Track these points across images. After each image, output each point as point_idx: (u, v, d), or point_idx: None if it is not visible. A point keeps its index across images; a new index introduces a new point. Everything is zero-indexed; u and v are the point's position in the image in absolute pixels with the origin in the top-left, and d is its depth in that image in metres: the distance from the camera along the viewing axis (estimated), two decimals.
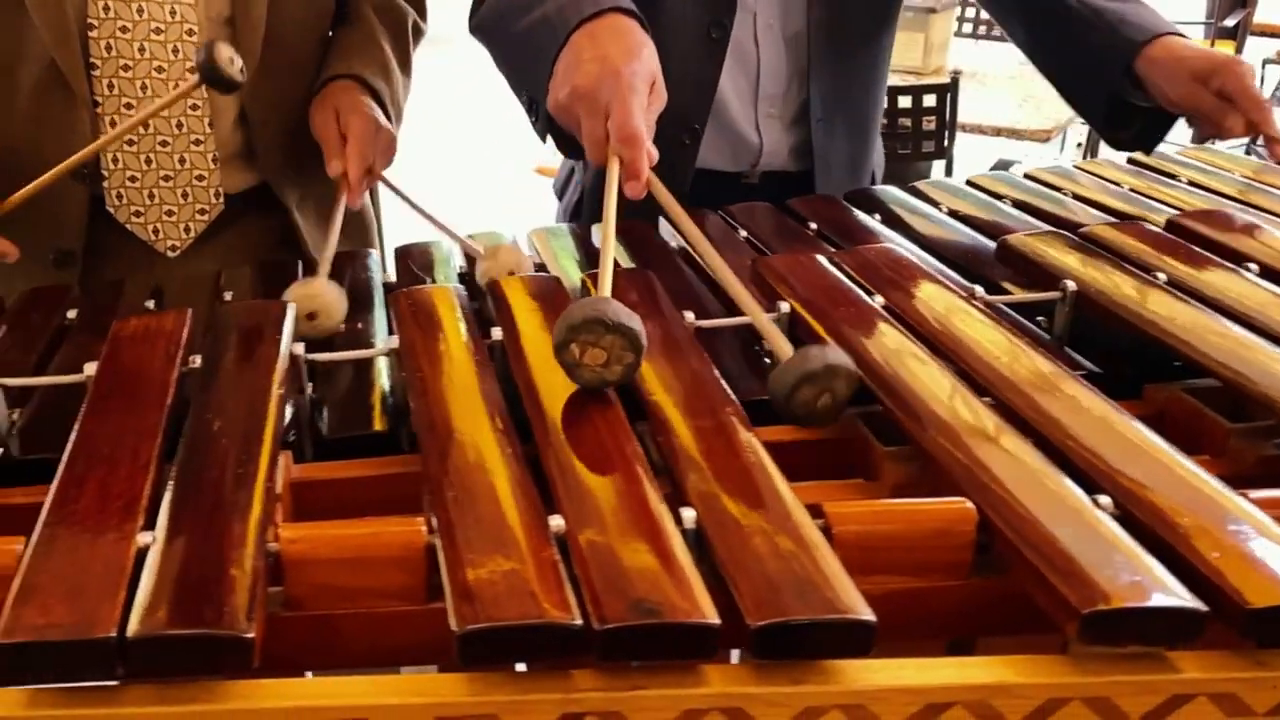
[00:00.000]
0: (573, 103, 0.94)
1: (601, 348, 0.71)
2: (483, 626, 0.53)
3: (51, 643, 0.52)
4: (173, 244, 1.27)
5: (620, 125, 0.89)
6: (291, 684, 0.55)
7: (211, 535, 0.59)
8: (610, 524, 0.61)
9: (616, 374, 0.72)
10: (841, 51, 1.38)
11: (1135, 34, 1.21)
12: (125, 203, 1.24)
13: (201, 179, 1.26)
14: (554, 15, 1.05)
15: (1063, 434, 0.70)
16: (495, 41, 1.23)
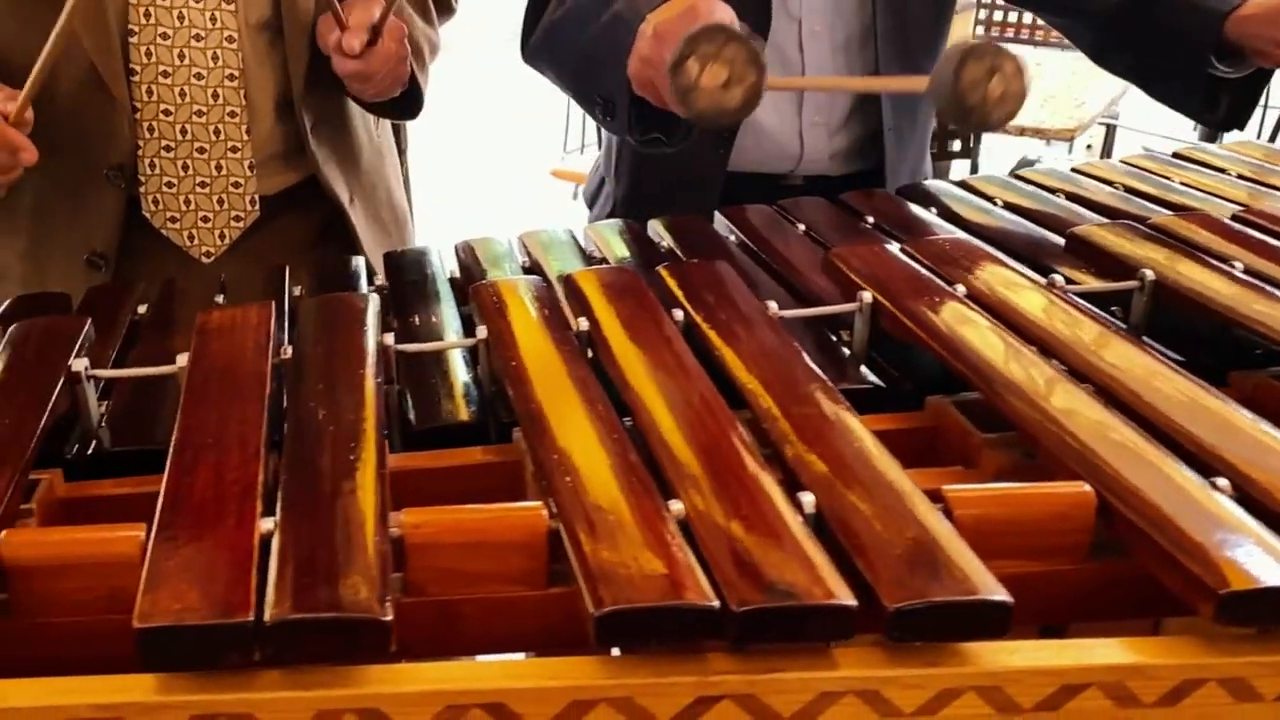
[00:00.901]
0: (655, 47, 0.92)
1: (723, 61, 0.66)
2: (620, 609, 0.53)
3: (190, 627, 0.52)
4: (207, 250, 1.27)
5: None
6: (427, 668, 0.55)
7: (335, 521, 0.59)
8: (730, 509, 0.61)
9: (736, 99, 0.67)
10: (907, 58, 1.38)
11: (1218, 3, 1.20)
12: (161, 208, 1.24)
13: (238, 185, 1.26)
14: (624, 11, 1.05)
15: (1167, 419, 0.70)
16: (558, 59, 1.23)
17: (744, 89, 0.66)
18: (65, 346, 0.78)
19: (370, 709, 0.54)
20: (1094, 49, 1.39)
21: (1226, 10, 1.17)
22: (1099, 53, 1.39)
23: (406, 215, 1.52)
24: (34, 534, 0.58)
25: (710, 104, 0.66)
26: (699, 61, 0.65)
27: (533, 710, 0.54)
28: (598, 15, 1.10)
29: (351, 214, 1.36)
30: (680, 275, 0.92)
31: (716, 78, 0.66)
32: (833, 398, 0.72)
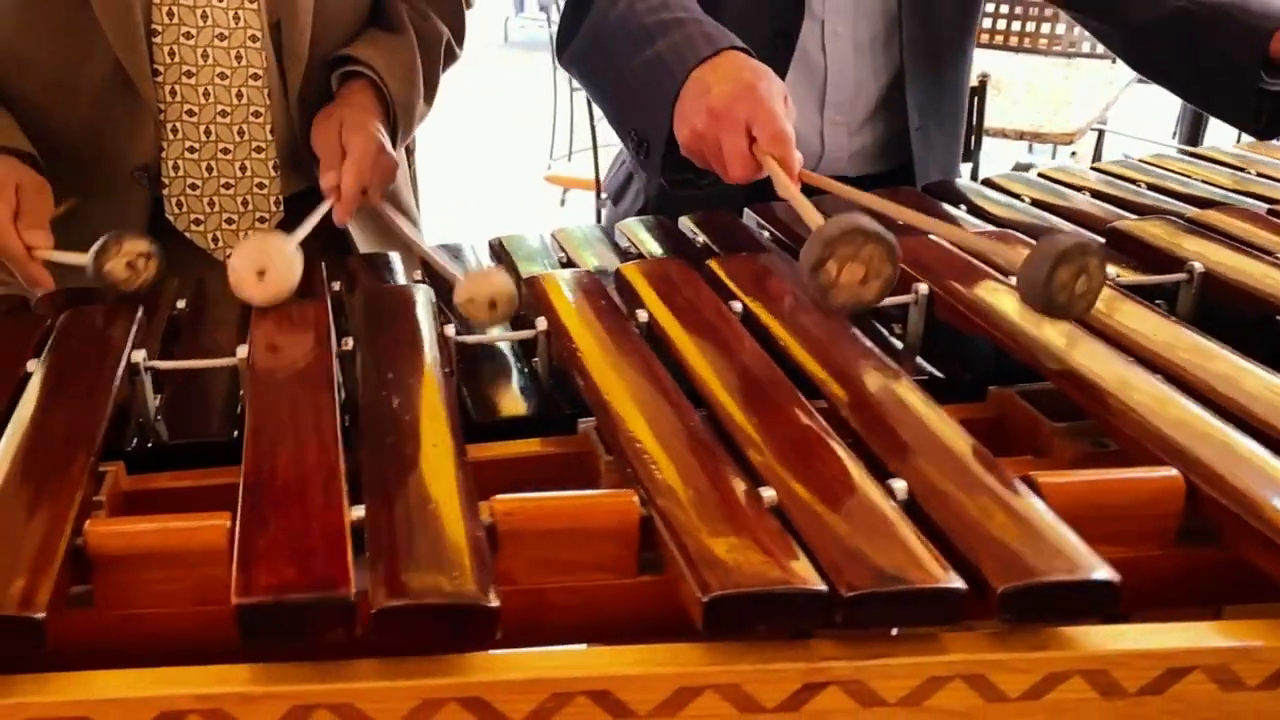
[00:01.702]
0: (710, 125, 0.96)
1: (860, 261, 0.68)
2: (729, 593, 0.52)
3: (291, 602, 0.51)
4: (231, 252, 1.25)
5: (766, 127, 0.92)
6: (531, 655, 0.54)
7: (425, 509, 0.58)
8: (822, 495, 0.60)
9: (873, 291, 0.70)
10: (933, 59, 1.38)
11: (1264, 21, 1.21)
12: (185, 210, 1.22)
13: (262, 187, 1.24)
14: (668, 55, 1.05)
15: (1238, 404, 0.70)
16: (596, 77, 1.23)
17: (881, 282, 0.69)
18: (122, 337, 0.77)
19: (474, 698, 0.53)
20: (1134, 58, 1.40)
21: (1273, 27, 1.19)
22: (1139, 62, 1.40)
23: (415, 217, 1.50)
24: (119, 524, 0.57)
25: (849, 298, 0.69)
26: (837, 264, 0.68)
27: (638, 697, 0.53)
28: (639, 47, 1.10)
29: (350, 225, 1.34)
30: (731, 268, 0.92)
31: (855, 275, 0.69)
32: (905, 385, 0.72)
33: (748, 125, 0.93)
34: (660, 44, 1.08)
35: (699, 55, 1.03)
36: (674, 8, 1.16)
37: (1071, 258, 0.69)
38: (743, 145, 0.94)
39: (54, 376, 0.71)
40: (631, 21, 1.15)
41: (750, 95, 0.94)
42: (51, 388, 0.70)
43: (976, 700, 0.55)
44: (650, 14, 1.15)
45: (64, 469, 0.61)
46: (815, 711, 0.54)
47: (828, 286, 0.70)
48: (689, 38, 1.07)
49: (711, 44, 1.05)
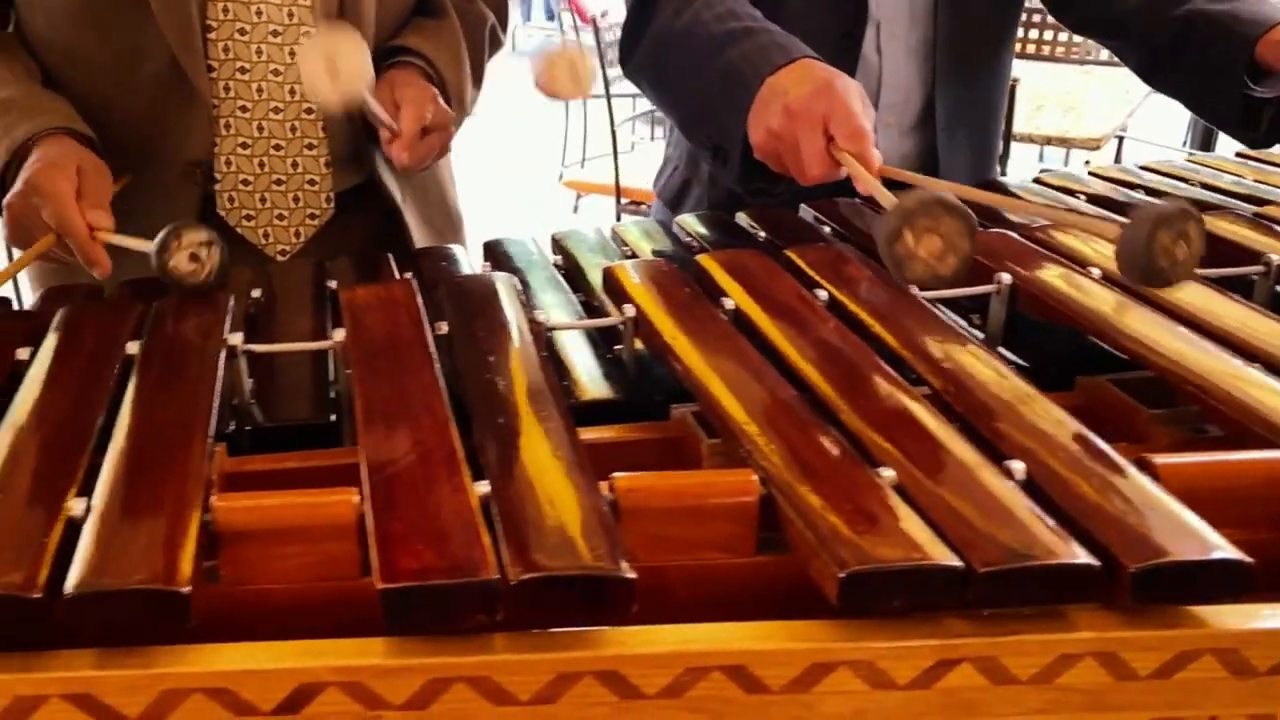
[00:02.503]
0: (786, 124, 0.96)
1: (939, 234, 0.68)
2: (866, 569, 0.52)
3: (435, 587, 0.51)
4: (282, 248, 1.25)
5: (845, 125, 0.92)
6: (667, 630, 0.54)
7: (548, 484, 0.58)
8: (942, 476, 0.60)
9: (950, 266, 0.70)
10: (966, 63, 1.39)
11: (1250, 28, 1.22)
12: (237, 206, 1.22)
13: (313, 183, 1.24)
14: (741, 63, 1.06)
15: None
16: (664, 86, 1.23)
17: (958, 258, 0.68)
18: (218, 321, 0.77)
19: (610, 671, 0.53)
20: (1143, 70, 1.41)
21: (1258, 34, 1.19)
22: (1148, 73, 1.41)
23: (460, 216, 1.50)
24: (247, 499, 0.57)
25: (925, 272, 0.69)
26: (915, 235, 0.68)
27: (773, 673, 0.53)
28: (710, 57, 1.10)
29: (406, 212, 1.34)
30: (810, 257, 0.92)
31: (932, 248, 0.68)
32: (1004, 370, 0.72)
33: (825, 123, 0.94)
34: (732, 53, 1.09)
35: (773, 63, 1.04)
36: (742, 16, 1.16)
37: (1173, 222, 0.69)
38: (820, 144, 0.94)
39: (158, 359, 0.71)
40: (699, 31, 1.16)
41: (827, 93, 0.95)
42: (157, 370, 0.70)
43: (1106, 678, 0.55)
44: (718, 23, 1.15)
45: (185, 448, 0.61)
46: (946, 689, 0.54)
47: (905, 258, 0.70)
48: (761, 47, 1.08)
49: (785, 53, 1.05)
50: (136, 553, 0.52)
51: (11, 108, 1.08)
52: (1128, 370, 0.80)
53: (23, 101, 1.09)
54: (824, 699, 0.54)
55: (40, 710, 0.51)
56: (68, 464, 0.59)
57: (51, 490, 0.57)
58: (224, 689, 0.51)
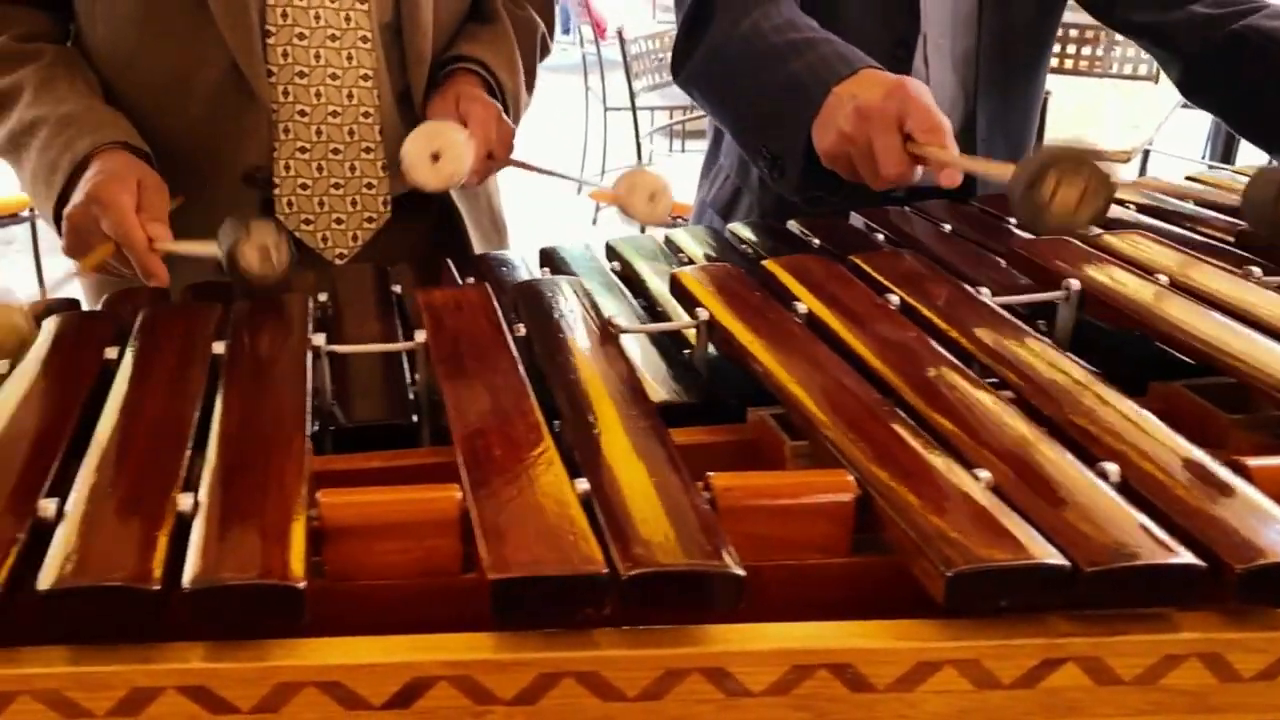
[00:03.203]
0: (859, 125, 0.96)
1: (1076, 185, 0.68)
2: (973, 568, 0.53)
3: (545, 579, 0.51)
4: (340, 252, 1.26)
5: (923, 120, 0.92)
6: (773, 628, 0.54)
7: (647, 482, 0.59)
8: (1037, 478, 0.60)
9: (1085, 217, 0.69)
10: (1007, 73, 1.39)
11: None
12: (296, 210, 1.23)
13: (371, 187, 1.25)
14: (805, 75, 1.06)
15: None
16: (720, 96, 1.24)
17: (1093, 210, 0.68)
18: (301, 321, 0.78)
19: (716, 668, 0.53)
20: (1185, 83, 1.41)
21: None
22: (1191, 87, 1.41)
23: (505, 223, 1.51)
24: (351, 495, 0.57)
25: (1060, 223, 0.68)
26: (1054, 181, 0.67)
27: (879, 672, 0.54)
28: (771, 69, 1.11)
29: (464, 215, 1.35)
30: (877, 263, 0.92)
31: (1069, 199, 0.68)
32: (1085, 373, 0.73)
33: (900, 121, 0.94)
34: (794, 64, 1.09)
35: (838, 74, 1.04)
36: (801, 28, 1.16)
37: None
38: (896, 141, 0.94)
39: (246, 360, 0.72)
40: (758, 41, 1.16)
41: (900, 92, 0.95)
42: (246, 370, 0.71)
43: (1210, 679, 0.55)
44: (778, 34, 1.16)
45: (284, 446, 0.61)
46: (1050, 689, 0.54)
47: (1041, 206, 0.69)
48: (824, 59, 1.08)
49: (848, 63, 1.06)
50: (249, 548, 0.53)
51: (73, 122, 1.10)
52: (1197, 376, 0.81)
53: (83, 116, 1.11)
54: (928, 698, 0.54)
55: (156, 701, 0.51)
56: (171, 460, 0.60)
57: (158, 486, 0.57)
58: (336, 682, 0.52)
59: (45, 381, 0.68)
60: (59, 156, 1.08)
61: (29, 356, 0.73)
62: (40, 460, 0.60)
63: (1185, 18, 1.31)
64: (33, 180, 1.12)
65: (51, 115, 1.10)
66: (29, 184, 1.13)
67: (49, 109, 1.10)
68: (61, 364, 0.71)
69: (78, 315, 0.83)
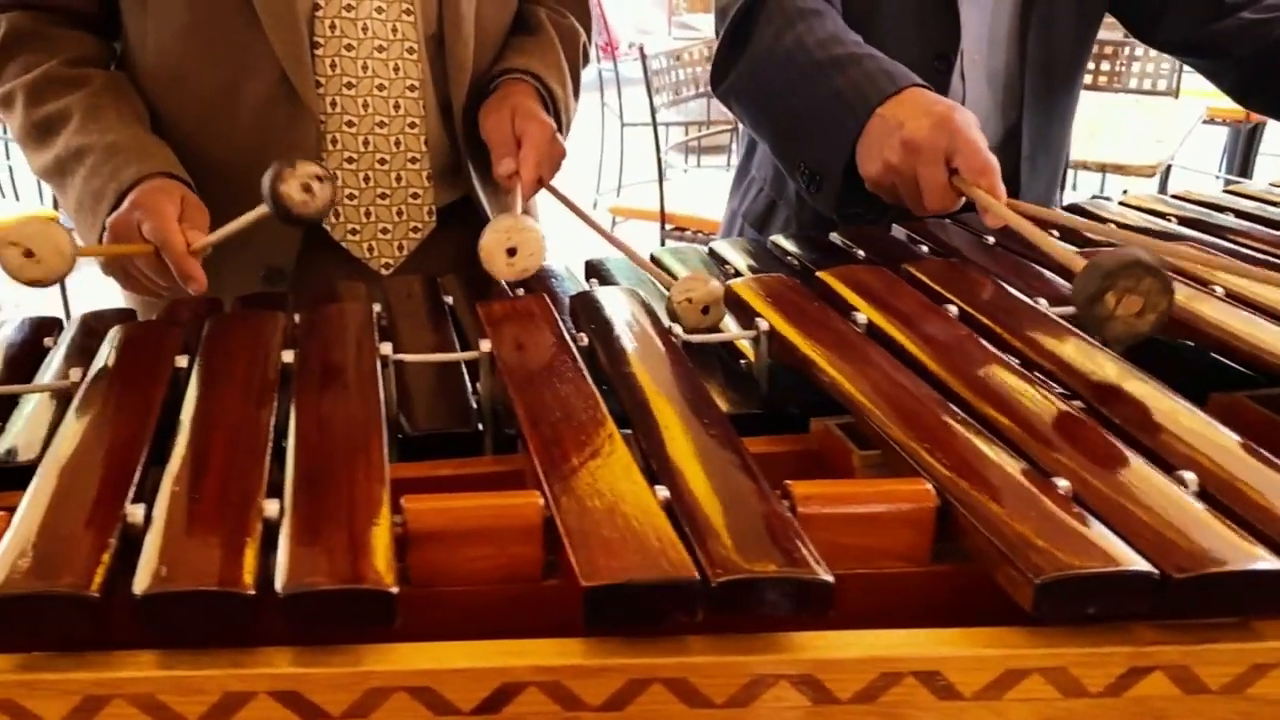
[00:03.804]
0: (906, 158, 0.97)
1: (1139, 294, 0.69)
2: (1061, 575, 0.53)
3: (637, 585, 0.51)
4: (386, 262, 1.26)
5: (972, 159, 0.93)
6: (862, 635, 0.54)
7: (731, 489, 0.59)
8: (1116, 485, 0.60)
9: (1149, 324, 0.70)
10: (1049, 91, 1.40)
11: None
12: (342, 220, 1.23)
13: (416, 197, 1.26)
14: (848, 91, 1.07)
15: None
16: (760, 110, 1.24)
17: (1156, 315, 0.71)
18: (367, 329, 0.78)
19: (805, 675, 0.53)
20: (1238, 89, 1.41)
21: None
22: (1244, 93, 1.41)
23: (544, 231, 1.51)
24: (435, 500, 0.57)
25: (1124, 330, 0.71)
26: (1116, 296, 0.70)
27: (966, 679, 0.54)
28: (814, 83, 1.11)
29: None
30: (930, 271, 0.92)
31: (1131, 308, 0.70)
32: (1153, 384, 0.73)
33: (947, 157, 0.95)
34: (838, 80, 1.09)
35: (883, 93, 1.04)
36: (845, 42, 1.17)
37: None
38: (943, 178, 0.95)
39: (316, 367, 0.72)
40: (801, 56, 1.16)
41: (948, 126, 0.96)
42: (317, 378, 0.71)
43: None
44: (821, 49, 1.16)
45: (365, 453, 0.62)
46: (1137, 697, 0.54)
47: (1104, 318, 0.71)
48: (869, 75, 1.08)
49: (894, 81, 1.06)
50: (339, 553, 0.53)
51: (119, 151, 1.10)
52: (1255, 387, 0.80)
53: (129, 146, 1.11)
54: (1014, 706, 0.54)
55: (247, 706, 0.51)
56: (252, 467, 0.60)
57: (242, 492, 0.58)
58: (427, 688, 0.52)
59: (120, 390, 0.69)
60: (104, 185, 1.09)
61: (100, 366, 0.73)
62: (124, 467, 0.60)
63: (1235, 25, 1.31)
64: (77, 208, 1.13)
65: (98, 144, 1.11)
66: (73, 211, 1.14)
67: (95, 137, 1.11)
68: (134, 373, 0.71)
69: (144, 325, 0.84)
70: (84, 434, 0.63)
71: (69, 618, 0.50)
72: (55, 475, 0.59)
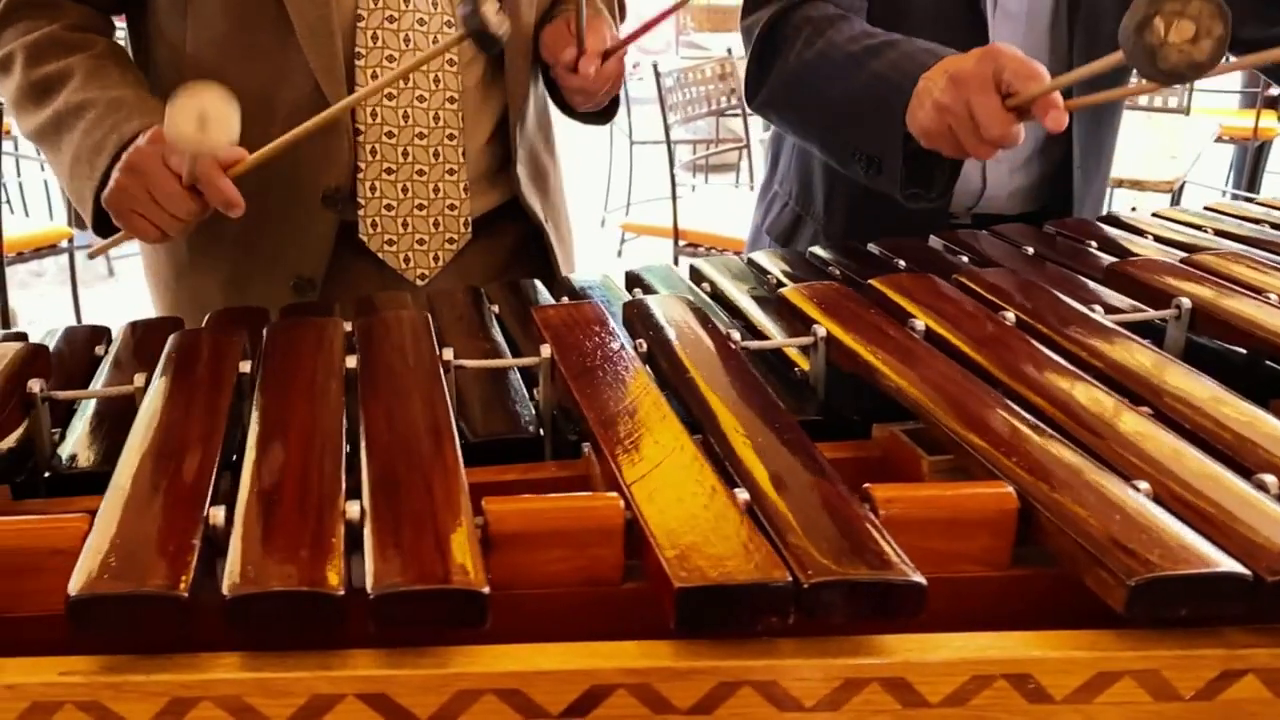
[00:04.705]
0: (954, 92, 0.96)
1: (1189, 17, 0.66)
2: (1155, 577, 0.52)
3: (732, 586, 0.51)
4: (422, 273, 1.26)
5: (1020, 69, 0.93)
6: (953, 638, 0.53)
7: (813, 491, 0.59)
8: (1196, 488, 0.60)
9: (1205, 51, 0.67)
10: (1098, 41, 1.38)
11: None
12: (379, 231, 1.23)
13: (453, 208, 1.26)
14: (890, 72, 1.07)
15: None
16: (801, 113, 1.25)
17: (1212, 41, 0.66)
18: (426, 335, 0.78)
19: (896, 678, 0.53)
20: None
21: None
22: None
23: (572, 244, 1.52)
24: (516, 502, 0.57)
25: (1180, 59, 0.66)
26: (1165, 20, 0.65)
27: (1058, 682, 0.53)
28: (851, 73, 1.11)
29: (549, 230, 1.36)
30: (983, 281, 0.92)
31: (1184, 33, 0.66)
32: (1215, 386, 0.72)
33: (996, 79, 0.93)
34: (876, 64, 1.09)
35: (924, 65, 1.04)
36: (877, 34, 1.17)
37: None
38: (996, 101, 0.93)
39: (381, 373, 0.72)
40: (835, 54, 1.17)
41: (990, 52, 0.95)
42: (382, 383, 0.71)
43: None
44: (854, 43, 1.16)
45: (439, 456, 0.61)
46: (1229, 701, 0.54)
47: (1156, 46, 0.67)
48: (908, 54, 1.09)
49: (933, 55, 1.06)
50: (427, 554, 0.52)
51: (123, 106, 1.09)
52: None
53: (133, 101, 1.10)
54: (1105, 710, 0.54)
55: (335, 709, 0.51)
56: (329, 469, 0.60)
57: (321, 494, 0.57)
58: (516, 690, 0.51)
59: (189, 396, 0.68)
60: (105, 137, 1.07)
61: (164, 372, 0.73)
62: (200, 470, 0.60)
63: None
64: (73, 161, 1.10)
65: (101, 98, 1.10)
66: (68, 166, 1.12)
67: (98, 93, 1.10)
68: (201, 379, 0.71)
69: (205, 332, 0.83)
70: (157, 439, 0.63)
71: (158, 618, 0.50)
72: (132, 479, 0.59)
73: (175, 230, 1.06)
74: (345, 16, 1.16)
